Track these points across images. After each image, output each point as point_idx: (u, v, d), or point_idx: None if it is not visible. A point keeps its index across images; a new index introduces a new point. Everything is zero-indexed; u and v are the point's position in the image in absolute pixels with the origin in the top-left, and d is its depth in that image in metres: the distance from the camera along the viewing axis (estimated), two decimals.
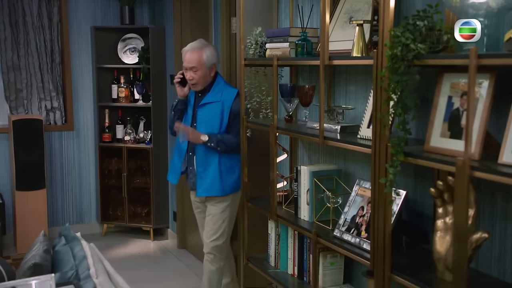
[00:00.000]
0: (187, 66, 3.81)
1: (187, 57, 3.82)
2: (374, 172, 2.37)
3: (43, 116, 5.97)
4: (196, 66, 3.79)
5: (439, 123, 2.19)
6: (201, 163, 3.87)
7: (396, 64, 2.15)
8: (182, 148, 3.97)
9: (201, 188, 3.89)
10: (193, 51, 3.81)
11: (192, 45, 3.86)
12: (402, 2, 2.67)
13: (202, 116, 3.86)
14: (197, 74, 3.80)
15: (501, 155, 1.91)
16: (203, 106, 3.86)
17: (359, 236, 2.63)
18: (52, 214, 6.12)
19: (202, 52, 3.80)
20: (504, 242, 2.20)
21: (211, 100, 3.85)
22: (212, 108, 3.83)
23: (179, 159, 4.00)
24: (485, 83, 2.00)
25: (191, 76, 3.81)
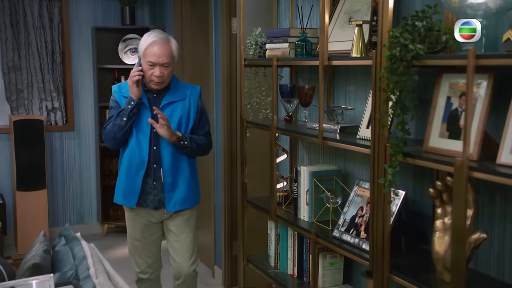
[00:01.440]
0: (158, 62, 3.22)
1: (158, 51, 3.22)
2: (373, 173, 2.37)
3: (44, 117, 5.98)
4: (169, 62, 3.26)
5: (438, 123, 2.19)
6: (170, 173, 3.35)
7: (395, 64, 2.15)
8: (141, 161, 3.31)
9: (171, 202, 3.38)
10: (163, 43, 3.25)
11: (159, 35, 3.29)
12: (401, 3, 2.67)
13: (168, 118, 3.31)
14: (168, 71, 3.28)
15: (499, 156, 1.91)
16: (167, 106, 3.34)
17: (358, 237, 2.63)
18: (53, 214, 6.13)
19: (171, 44, 3.30)
20: (503, 242, 2.20)
21: (174, 98, 3.37)
22: (177, 108, 3.36)
23: (137, 176, 3.33)
24: (483, 84, 2.01)
25: (161, 73, 3.24)
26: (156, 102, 3.34)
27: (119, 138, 3.31)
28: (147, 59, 3.23)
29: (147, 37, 3.28)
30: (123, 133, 3.29)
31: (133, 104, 3.24)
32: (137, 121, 3.31)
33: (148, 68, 3.24)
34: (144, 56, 3.26)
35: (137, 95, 3.25)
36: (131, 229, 3.52)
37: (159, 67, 3.23)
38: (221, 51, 4.65)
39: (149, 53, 3.23)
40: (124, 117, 3.25)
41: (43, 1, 6.00)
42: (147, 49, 3.24)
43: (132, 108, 3.24)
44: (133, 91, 3.25)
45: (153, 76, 3.25)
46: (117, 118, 3.28)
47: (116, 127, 3.28)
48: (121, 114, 3.26)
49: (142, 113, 3.30)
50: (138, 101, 3.25)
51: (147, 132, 3.31)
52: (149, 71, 3.25)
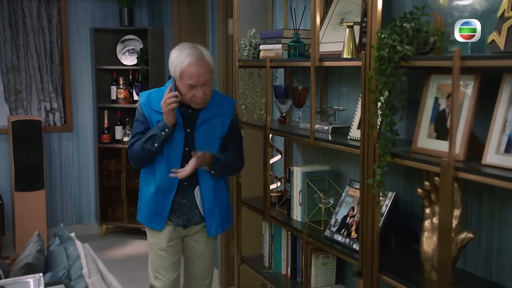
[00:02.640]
0: (198, 83, 2.92)
1: (197, 71, 2.91)
2: (363, 173, 2.39)
3: (42, 117, 6.00)
4: (208, 81, 2.96)
5: (426, 124, 2.21)
6: (209, 196, 3.11)
7: (383, 65, 2.17)
8: (171, 183, 3.07)
9: (213, 227, 3.16)
10: (200, 62, 2.93)
11: (194, 54, 2.94)
12: (392, 4, 2.69)
13: (201, 138, 3.05)
14: (209, 88, 2.99)
15: (485, 156, 1.92)
16: (203, 123, 3.05)
17: (349, 237, 2.64)
18: (51, 214, 6.15)
19: (207, 60, 2.98)
20: (491, 242, 2.22)
21: (211, 115, 3.06)
22: (212, 126, 3.07)
23: (166, 199, 3.09)
24: (470, 85, 2.02)
25: (204, 93, 2.95)
26: (191, 118, 3.04)
27: (146, 162, 3.08)
28: (186, 82, 2.91)
29: (180, 56, 2.93)
30: (152, 158, 3.05)
31: (168, 132, 2.96)
32: (168, 141, 3.04)
33: (188, 90, 2.93)
34: (181, 78, 2.92)
35: (172, 122, 2.96)
36: (156, 239, 3.19)
37: (199, 88, 2.93)
38: (217, 52, 4.67)
39: (188, 75, 2.90)
40: (156, 143, 2.98)
41: (41, 2, 6.02)
42: (184, 71, 2.91)
43: (166, 135, 2.96)
44: (168, 118, 2.94)
45: (195, 97, 2.95)
46: (147, 142, 2.99)
47: (145, 151, 3.01)
48: (152, 139, 2.98)
49: (176, 131, 3.02)
50: (173, 128, 2.97)
51: (178, 151, 3.04)
52: (189, 93, 2.94)
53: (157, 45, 6.00)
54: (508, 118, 1.88)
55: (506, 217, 2.15)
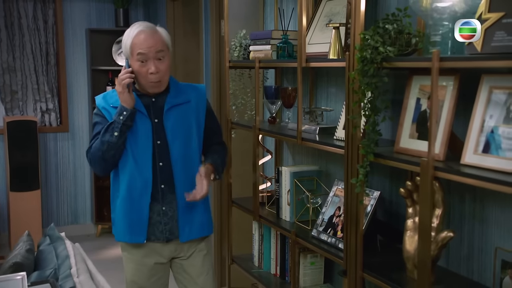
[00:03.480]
0: (151, 52, 2.59)
1: (147, 39, 2.60)
2: (347, 173, 2.41)
3: (38, 118, 6.04)
4: (163, 50, 2.63)
5: (408, 124, 2.23)
6: (184, 196, 2.69)
7: (366, 66, 2.19)
8: (144, 183, 2.65)
9: (186, 229, 2.75)
10: (152, 32, 2.63)
11: (143, 24, 2.68)
12: (378, 6, 2.71)
13: (173, 126, 2.70)
14: (164, 64, 2.64)
15: (464, 156, 1.95)
16: (171, 111, 2.71)
17: (335, 236, 2.66)
18: (47, 214, 6.18)
19: (160, 32, 2.68)
20: (472, 241, 2.24)
21: (179, 101, 2.74)
22: (182, 113, 2.73)
23: (141, 202, 2.67)
24: (450, 85, 2.04)
25: (157, 68, 2.60)
26: (156, 107, 2.69)
27: (109, 158, 2.63)
28: (136, 52, 2.58)
29: (130, 29, 2.65)
30: (114, 152, 2.61)
31: (126, 115, 2.56)
32: (132, 134, 2.63)
33: (140, 66, 2.58)
34: (131, 51, 2.60)
35: (129, 103, 2.57)
36: (134, 275, 2.77)
37: (153, 61, 2.58)
38: (210, 52, 4.70)
39: (137, 44, 2.58)
40: (116, 131, 2.56)
41: (37, 3, 6.05)
42: (133, 42, 2.59)
43: (125, 119, 2.56)
44: (124, 98, 2.57)
45: (148, 75, 2.59)
46: (105, 134, 2.58)
47: (105, 145, 2.58)
48: (110, 129, 2.58)
49: (138, 123, 2.64)
50: (132, 110, 2.58)
51: (147, 145, 2.65)
52: (142, 70, 2.58)
53: None
54: (486, 118, 1.90)
55: (487, 216, 2.17)
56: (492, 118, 1.88)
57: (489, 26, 1.83)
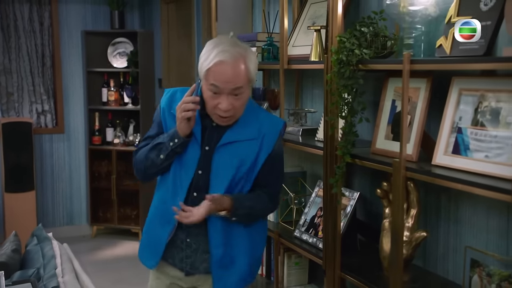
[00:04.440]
0: (226, 87, 2.14)
1: (227, 72, 2.13)
2: (325, 173, 2.44)
3: (34, 119, 6.08)
4: (242, 87, 2.16)
5: (384, 125, 2.26)
6: (220, 241, 2.31)
7: (342, 68, 2.22)
8: (172, 211, 2.27)
9: (221, 283, 2.33)
10: (236, 63, 2.14)
11: (230, 50, 2.15)
12: (360, 9, 2.74)
13: (222, 161, 2.27)
14: (240, 101, 2.19)
15: (435, 157, 1.98)
16: (225, 146, 2.27)
17: (316, 236, 2.70)
18: (42, 215, 6.21)
19: (247, 61, 2.18)
20: (448, 241, 2.27)
21: (241, 137, 2.27)
22: (239, 151, 2.27)
23: (162, 228, 2.38)
24: (422, 87, 2.08)
25: (230, 105, 2.16)
26: (213, 133, 2.29)
27: (150, 175, 2.39)
28: (209, 82, 2.15)
29: (211, 50, 2.16)
30: (156, 171, 2.36)
31: (177, 143, 2.25)
32: (178, 156, 2.31)
33: (211, 97, 2.17)
34: (206, 79, 2.16)
35: (185, 132, 2.23)
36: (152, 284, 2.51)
37: (227, 96, 2.15)
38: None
39: (214, 74, 2.13)
40: (162, 154, 2.28)
41: (33, 5, 6.09)
42: (211, 69, 2.13)
43: (175, 147, 2.26)
44: (181, 126, 2.22)
45: (217, 109, 2.18)
46: (152, 150, 2.31)
47: (148, 162, 2.33)
48: (158, 148, 2.30)
49: (188, 147, 2.29)
50: (185, 139, 2.25)
51: (189, 172, 2.30)
52: (212, 102, 2.18)
53: (146, 47, 6.06)
54: (456, 120, 1.93)
55: (461, 216, 2.20)
56: (461, 119, 1.91)
57: None
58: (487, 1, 1.80)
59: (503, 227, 2.01)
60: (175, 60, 5.64)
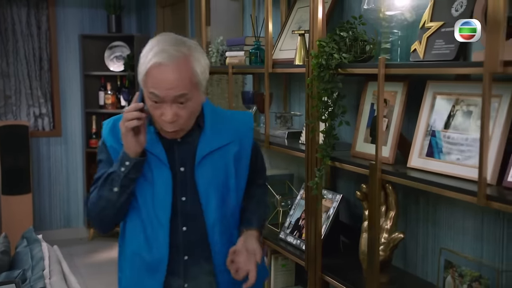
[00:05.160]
0: (166, 96, 1.77)
1: (167, 78, 1.76)
2: (307, 176, 2.47)
3: (31, 122, 6.12)
4: (188, 94, 1.79)
5: (363, 129, 2.29)
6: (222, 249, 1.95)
7: (322, 72, 2.25)
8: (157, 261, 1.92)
9: None
10: (176, 65, 1.76)
11: (168, 50, 1.76)
12: (344, 13, 2.76)
13: (209, 180, 1.94)
14: (188, 109, 1.82)
15: (410, 159, 2.01)
16: (205, 160, 1.93)
17: (300, 238, 2.72)
18: (39, 218, 6.25)
19: (190, 63, 1.79)
20: (426, 243, 2.30)
21: (216, 144, 1.96)
22: (221, 160, 1.96)
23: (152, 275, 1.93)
24: (399, 91, 2.11)
25: (175, 116, 1.80)
26: (182, 151, 1.94)
27: (109, 220, 1.95)
28: (149, 89, 1.79)
29: (150, 50, 1.79)
30: (116, 213, 1.92)
31: (129, 166, 1.84)
32: (147, 186, 1.92)
33: (153, 107, 1.81)
34: (144, 84, 1.82)
35: (134, 149, 1.83)
36: None
37: (171, 106, 1.79)
38: None
39: (152, 80, 1.78)
40: (115, 187, 1.85)
41: (31, 9, 6.14)
42: (148, 72, 1.78)
43: (127, 172, 1.84)
44: (127, 143, 1.83)
45: (161, 121, 1.83)
46: (104, 185, 1.87)
47: (102, 202, 1.89)
48: (110, 180, 1.86)
49: (155, 173, 1.91)
50: (136, 159, 1.84)
51: (165, 202, 1.90)
52: (155, 112, 1.82)
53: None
54: (430, 123, 1.96)
55: (439, 219, 2.22)
56: (435, 122, 1.94)
57: (431, 35, 1.90)
58: (458, 7, 1.83)
59: (478, 228, 2.04)
60: None
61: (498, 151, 1.69)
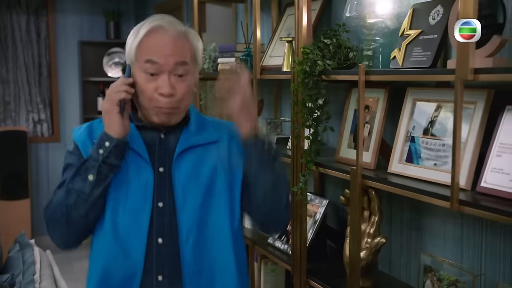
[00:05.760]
0: (168, 63, 1.62)
1: (168, 42, 1.63)
2: (293, 181, 2.50)
3: (30, 128, 6.17)
4: (188, 64, 1.65)
5: (347, 134, 2.32)
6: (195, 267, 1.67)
7: (306, 79, 2.28)
8: (130, 272, 1.65)
9: None
10: (176, 31, 1.65)
11: (165, 18, 1.68)
12: (331, 21, 2.79)
13: (187, 180, 1.69)
14: (186, 84, 1.65)
15: (390, 165, 2.03)
16: (184, 155, 1.70)
17: (287, 243, 2.75)
18: (38, 223, 6.27)
19: (190, 34, 1.70)
20: (410, 249, 2.32)
21: (199, 140, 1.73)
22: (204, 158, 1.72)
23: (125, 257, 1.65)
24: (381, 97, 2.13)
25: (173, 89, 1.63)
26: (163, 148, 1.71)
27: (76, 221, 1.63)
28: (144, 58, 1.63)
29: (142, 23, 1.69)
30: (87, 211, 1.62)
31: (109, 147, 1.60)
32: (118, 187, 1.66)
33: (146, 80, 1.63)
34: (136, 55, 1.66)
35: (118, 130, 1.61)
36: None
37: (169, 77, 1.62)
38: None
39: (148, 46, 1.63)
40: (91, 173, 1.60)
41: (30, 16, 6.20)
42: (142, 41, 1.64)
43: (106, 154, 1.60)
44: (111, 121, 1.61)
45: (157, 96, 1.62)
46: (74, 178, 1.62)
47: (72, 197, 1.61)
48: (83, 169, 1.62)
49: (132, 172, 1.67)
50: (119, 139, 1.61)
51: (142, 208, 1.65)
52: (148, 86, 1.63)
53: None
54: (410, 129, 1.98)
55: (422, 224, 2.24)
56: (415, 128, 1.96)
57: (409, 42, 1.93)
58: (435, 15, 1.86)
59: (458, 233, 2.06)
60: None
61: (473, 156, 1.71)
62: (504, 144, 1.61)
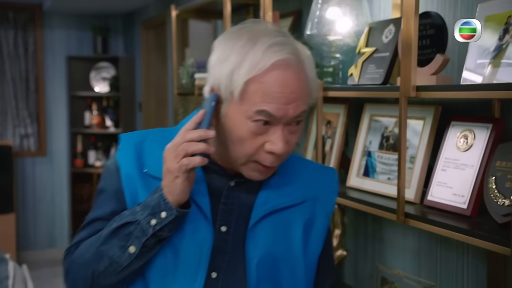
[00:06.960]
0: (289, 112, 1.20)
1: (291, 84, 1.19)
2: None
3: (17, 142, 6.21)
4: (307, 110, 1.26)
5: (310, 149, 2.36)
6: None
7: None
8: None
9: None
10: (298, 66, 1.22)
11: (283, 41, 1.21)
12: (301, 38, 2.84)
13: (267, 254, 1.28)
14: (297, 135, 1.27)
15: (349, 179, 2.08)
16: (266, 220, 1.30)
17: None
18: (23, 238, 6.29)
19: (306, 62, 1.26)
20: (373, 261, 2.36)
21: (284, 202, 1.32)
22: (287, 225, 1.32)
23: None
24: (341, 113, 2.18)
25: (286, 146, 1.23)
26: (233, 201, 1.32)
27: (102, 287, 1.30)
28: (257, 105, 1.19)
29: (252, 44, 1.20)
30: (118, 280, 1.29)
31: (166, 220, 1.21)
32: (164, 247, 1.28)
33: (252, 133, 1.22)
34: (243, 97, 1.20)
35: (180, 197, 1.21)
36: None
37: (283, 129, 1.22)
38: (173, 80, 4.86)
39: (268, 89, 1.19)
40: (133, 245, 1.24)
41: (18, 31, 6.26)
42: (263, 78, 1.19)
43: (160, 227, 1.22)
44: (175, 185, 1.20)
45: (261, 154, 1.23)
46: (111, 239, 1.26)
47: (103, 263, 1.27)
48: (124, 233, 1.25)
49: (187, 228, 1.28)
50: (179, 211, 1.22)
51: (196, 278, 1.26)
52: (253, 139, 1.22)
53: (128, 72, 6.20)
54: (367, 144, 2.03)
55: (383, 237, 2.29)
56: (371, 143, 2.01)
57: (365, 60, 1.98)
58: (388, 34, 1.91)
59: (415, 246, 2.10)
60: (153, 85, 5.77)
61: (421, 170, 1.76)
62: (448, 159, 1.66)
